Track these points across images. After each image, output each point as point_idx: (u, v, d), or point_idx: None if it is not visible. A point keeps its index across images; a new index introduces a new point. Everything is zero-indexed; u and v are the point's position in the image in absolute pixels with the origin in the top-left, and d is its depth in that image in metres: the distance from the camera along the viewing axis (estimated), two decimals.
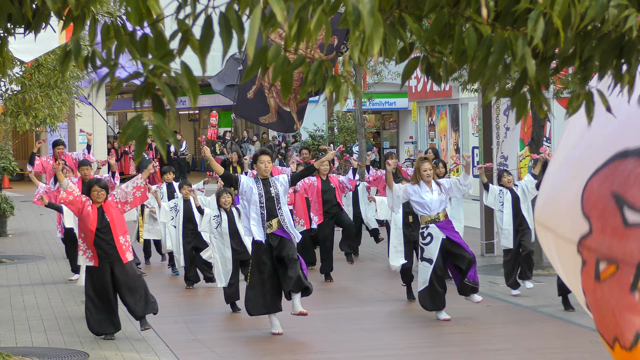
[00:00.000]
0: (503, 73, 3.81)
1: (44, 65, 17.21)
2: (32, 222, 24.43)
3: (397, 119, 40.59)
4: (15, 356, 10.30)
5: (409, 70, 4.17)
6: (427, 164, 11.86)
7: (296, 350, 10.64)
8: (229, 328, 11.98)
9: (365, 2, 3.29)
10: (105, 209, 11.03)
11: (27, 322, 12.29)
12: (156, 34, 3.79)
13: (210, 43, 3.68)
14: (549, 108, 3.99)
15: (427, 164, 11.83)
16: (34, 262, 17.76)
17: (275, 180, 11.09)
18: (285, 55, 3.61)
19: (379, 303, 13.27)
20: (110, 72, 3.97)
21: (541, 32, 3.59)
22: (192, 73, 3.74)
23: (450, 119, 30.16)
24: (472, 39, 3.74)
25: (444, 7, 3.82)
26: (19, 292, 14.59)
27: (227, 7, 3.54)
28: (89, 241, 11.00)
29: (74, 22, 4.61)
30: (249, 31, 3.39)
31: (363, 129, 24.64)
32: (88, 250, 11.03)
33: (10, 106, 17.71)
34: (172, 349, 10.60)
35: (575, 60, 3.93)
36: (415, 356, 10.29)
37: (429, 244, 11.74)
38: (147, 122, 3.70)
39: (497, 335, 11.20)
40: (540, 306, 12.71)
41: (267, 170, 11.09)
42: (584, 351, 10.29)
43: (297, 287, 10.83)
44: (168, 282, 15.44)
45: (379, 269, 16.29)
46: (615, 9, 3.66)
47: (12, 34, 5.63)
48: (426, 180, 11.79)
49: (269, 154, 11.38)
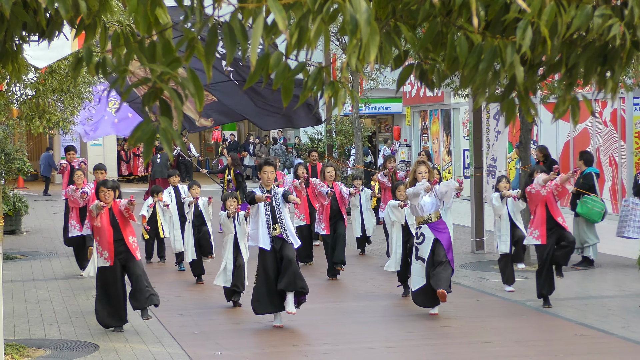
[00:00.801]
0: (493, 79, 3.81)
1: (57, 71, 17.21)
2: (45, 220, 24.42)
3: (392, 123, 40.60)
4: (29, 347, 10.30)
5: (404, 76, 4.18)
6: (424, 167, 11.82)
7: (296, 342, 10.64)
8: (232, 321, 11.98)
9: (362, 12, 3.30)
10: (114, 209, 11.05)
11: (41, 315, 12.29)
12: (164, 41, 3.80)
13: (215, 51, 3.68)
14: (537, 113, 4.00)
15: (423, 167, 11.80)
16: (47, 258, 17.75)
17: (277, 190, 11.15)
18: (286, 62, 3.61)
19: (375, 298, 13.27)
20: (120, 77, 3.97)
21: (529, 41, 3.60)
22: (198, 79, 3.74)
23: (443, 122, 30.16)
24: (464, 46, 3.74)
25: (436, 16, 3.82)
26: (32, 287, 14.59)
27: (231, 17, 3.54)
28: (105, 241, 11.02)
29: (86, 31, 4.62)
30: (252, 39, 3.39)
31: (360, 132, 24.63)
32: (104, 252, 11.05)
33: (25, 110, 17.70)
34: (178, 340, 10.61)
35: (561, 67, 3.93)
36: (410, 348, 10.29)
37: (422, 243, 11.72)
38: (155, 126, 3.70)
39: (487, 328, 11.20)
40: (528, 300, 12.71)
41: (269, 181, 11.12)
42: (569, 343, 10.30)
43: (290, 287, 10.87)
44: (174, 278, 15.44)
45: (376, 265, 16.29)
46: (599, 18, 3.67)
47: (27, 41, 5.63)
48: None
49: (273, 165, 11.38)
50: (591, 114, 3.95)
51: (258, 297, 11.10)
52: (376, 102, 35.24)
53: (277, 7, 3.30)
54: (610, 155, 22.00)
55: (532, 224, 12.22)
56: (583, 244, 15.30)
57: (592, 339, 10.54)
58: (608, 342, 10.38)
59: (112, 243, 11.01)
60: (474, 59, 3.72)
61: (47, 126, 18.16)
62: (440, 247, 11.62)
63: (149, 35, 3.83)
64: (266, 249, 11.05)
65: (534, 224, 12.19)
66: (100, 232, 11.07)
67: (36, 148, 39.29)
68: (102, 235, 11.06)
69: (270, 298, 11.06)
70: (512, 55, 3.66)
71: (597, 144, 22.31)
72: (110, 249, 11.00)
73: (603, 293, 13.25)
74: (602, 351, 10.02)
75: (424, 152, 21.93)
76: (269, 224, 11.05)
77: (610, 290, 13.50)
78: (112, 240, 11.02)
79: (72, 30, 4.77)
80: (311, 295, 11.92)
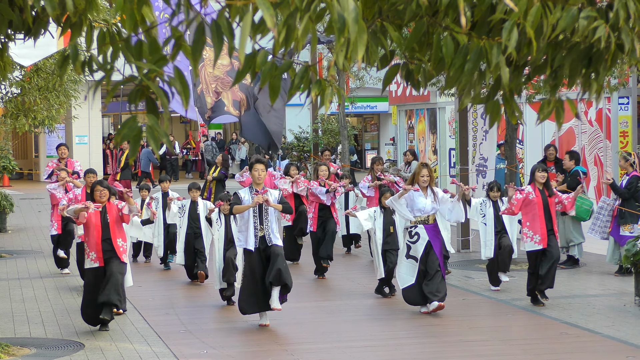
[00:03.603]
0: (478, 80, 3.83)
1: (42, 70, 17.16)
2: (30, 218, 24.34)
3: (378, 122, 40.63)
4: (13, 346, 10.26)
5: (390, 76, 4.19)
6: (426, 170, 11.82)
7: (281, 341, 10.64)
8: (218, 320, 11.97)
9: (350, 10, 3.30)
10: (107, 209, 11.00)
11: (26, 314, 12.25)
12: (150, 40, 3.80)
13: (202, 49, 3.69)
14: (521, 114, 4.02)
15: (425, 170, 11.80)
16: (32, 256, 17.69)
17: (269, 192, 11.12)
18: (273, 61, 3.61)
19: (360, 296, 13.28)
20: (106, 76, 3.97)
21: (515, 42, 3.61)
22: (185, 77, 3.74)
23: (429, 122, 30.21)
24: (450, 47, 3.75)
25: (423, 16, 3.83)
26: (17, 285, 14.54)
27: (219, 15, 3.54)
28: (94, 240, 10.95)
29: (72, 29, 4.61)
30: (240, 37, 3.39)
31: (346, 131, 24.63)
32: (92, 253, 10.98)
33: (10, 108, 17.65)
34: (164, 339, 10.59)
35: (546, 68, 3.95)
36: (395, 347, 10.31)
37: (416, 242, 11.71)
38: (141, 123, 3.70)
39: (472, 327, 11.22)
40: (514, 299, 12.75)
41: (260, 178, 11.09)
42: (555, 342, 10.34)
43: (276, 280, 10.87)
44: (160, 277, 15.42)
45: (360, 264, 16.30)
46: (585, 20, 3.69)
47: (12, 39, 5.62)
48: (422, 185, 11.77)
49: (264, 163, 11.36)
50: (575, 116, 3.98)
51: (245, 297, 11.10)
52: (362, 101, 35.26)
53: (265, 5, 3.31)
54: (596, 154, 22.09)
55: (530, 229, 12.11)
56: (569, 243, 15.36)
57: (577, 337, 10.58)
58: (593, 340, 10.42)
59: (99, 243, 10.96)
60: (459, 60, 3.73)
61: (32, 124, 18.13)
62: (434, 255, 11.66)
63: (135, 34, 3.83)
64: (251, 250, 11.05)
65: (532, 229, 12.10)
66: (89, 231, 11.02)
67: (21, 146, 39.15)
68: (91, 235, 11.00)
69: (257, 298, 11.06)
70: (498, 56, 3.68)
71: (583, 144, 22.40)
72: (98, 249, 10.95)
73: (588, 292, 13.31)
74: (587, 350, 10.06)
75: (409, 152, 21.97)
76: (256, 225, 11.04)
77: (595, 289, 13.55)
78: (100, 240, 10.98)
79: (58, 29, 4.76)
80: (297, 294, 11.90)
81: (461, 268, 15.53)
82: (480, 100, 3.93)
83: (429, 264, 11.63)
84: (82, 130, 35.75)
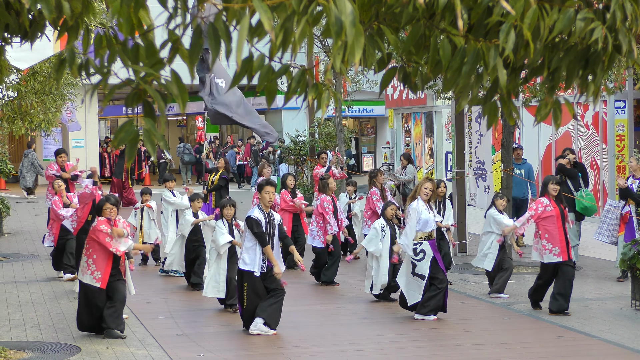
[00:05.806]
0: (475, 82, 3.83)
1: (39, 73, 17.15)
2: (27, 222, 24.30)
3: (374, 125, 40.65)
4: (10, 350, 10.25)
5: (387, 79, 4.19)
6: (430, 184, 11.82)
7: (278, 344, 10.63)
8: (214, 324, 11.96)
9: (347, 14, 3.30)
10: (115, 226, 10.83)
11: (22, 317, 12.22)
12: (147, 43, 3.79)
13: (199, 52, 3.68)
14: (519, 116, 4.02)
15: (429, 184, 11.81)
16: (29, 260, 17.66)
17: (274, 215, 11.11)
18: (270, 64, 3.61)
19: (357, 300, 13.27)
20: (102, 79, 3.96)
21: (512, 44, 3.61)
22: (182, 80, 3.74)
23: (425, 125, 30.23)
24: (447, 49, 3.75)
25: (419, 19, 3.83)
26: (14, 289, 14.51)
27: (216, 18, 3.54)
28: (104, 263, 10.70)
29: (68, 32, 4.61)
30: (237, 40, 3.39)
31: (342, 135, 24.63)
32: (97, 272, 10.71)
33: (6, 112, 17.63)
34: (160, 343, 10.58)
35: (543, 70, 3.95)
36: (391, 350, 10.30)
37: (422, 260, 11.67)
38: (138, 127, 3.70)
39: (469, 331, 11.22)
40: (510, 303, 12.74)
41: (270, 201, 11.02)
42: (551, 345, 10.35)
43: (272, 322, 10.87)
44: (158, 281, 15.40)
45: (357, 268, 16.30)
46: (581, 22, 3.69)
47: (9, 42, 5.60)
48: (423, 198, 11.76)
49: (274, 185, 11.35)
50: (573, 117, 3.98)
51: (250, 316, 11.02)
52: (359, 104, 35.27)
53: (262, 7, 3.30)
54: (592, 158, 22.11)
55: (549, 241, 11.95)
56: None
57: (573, 341, 10.58)
58: (589, 344, 10.43)
59: (109, 267, 10.71)
60: (457, 62, 3.73)
61: (29, 128, 18.11)
62: (439, 269, 11.67)
63: (132, 38, 3.82)
64: (257, 275, 10.96)
65: (550, 241, 11.95)
66: (100, 251, 10.69)
67: (18, 150, 39.12)
68: (101, 255, 10.70)
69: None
70: (495, 58, 3.68)
71: (579, 147, 22.41)
72: (106, 271, 10.71)
73: (584, 295, 13.31)
74: (583, 353, 10.06)
75: (402, 157, 21.92)
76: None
77: (592, 292, 13.56)
78: (110, 268, 10.69)
79: (55, 32, 4.75)
80: (294, 298, 11.87)
81: (458, 272, 15.53)
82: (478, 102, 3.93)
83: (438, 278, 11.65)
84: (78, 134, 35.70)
